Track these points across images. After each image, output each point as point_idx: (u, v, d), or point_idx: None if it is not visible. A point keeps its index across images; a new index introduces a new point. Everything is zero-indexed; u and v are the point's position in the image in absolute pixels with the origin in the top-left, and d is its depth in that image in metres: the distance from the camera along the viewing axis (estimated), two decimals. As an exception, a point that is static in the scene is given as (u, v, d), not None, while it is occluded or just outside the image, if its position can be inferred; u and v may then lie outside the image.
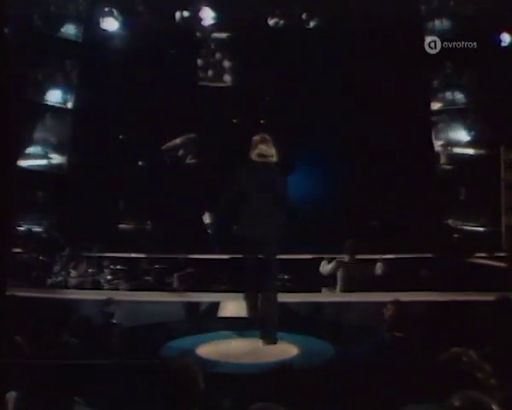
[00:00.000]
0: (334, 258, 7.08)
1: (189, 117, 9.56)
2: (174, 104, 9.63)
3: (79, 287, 7.77)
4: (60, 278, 8.09)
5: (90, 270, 8.24)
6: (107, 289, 7.70)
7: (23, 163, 9.90)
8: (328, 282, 7.02)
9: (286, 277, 7.84)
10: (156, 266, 8.61)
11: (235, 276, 7.63)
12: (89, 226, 9.32)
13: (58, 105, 10.04)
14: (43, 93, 9.92)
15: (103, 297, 5.72)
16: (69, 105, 10.12)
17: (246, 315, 5.47)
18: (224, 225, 7.87)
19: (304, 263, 8.04)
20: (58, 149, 10.26)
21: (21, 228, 9.47)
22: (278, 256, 5.46)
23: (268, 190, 5.07)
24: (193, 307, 6.38)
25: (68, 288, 7.74)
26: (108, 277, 8.19)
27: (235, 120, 10.31)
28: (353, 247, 7.00)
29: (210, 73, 9.94)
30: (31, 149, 10.11)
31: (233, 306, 6.31)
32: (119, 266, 8.52)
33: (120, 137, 10.29)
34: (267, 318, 5.25)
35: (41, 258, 8.50)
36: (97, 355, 4.34)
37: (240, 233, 5.29)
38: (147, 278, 8.43)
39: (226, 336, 5.49)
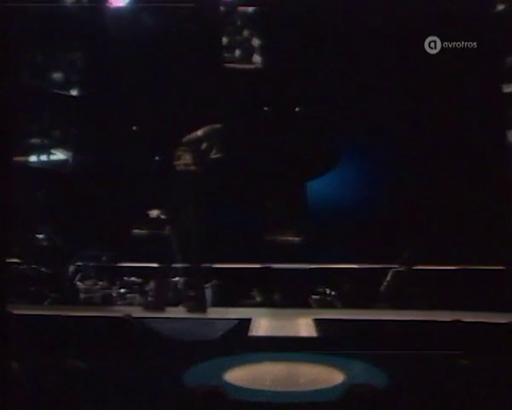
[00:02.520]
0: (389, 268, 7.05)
1: (213, 104, 9.60)
2: (195, 90, 9.68)
3: (88, 302, 7.98)
4: (64, 293, 8.32)
5: (100, 283, 8.36)
6: (120, 305, 7.90)
7: (21, 160, 10.07)
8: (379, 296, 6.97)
9: (327, 290, 7.81)
10: (176, 278, 8.66)
11: (268, 288, 7.65)
12: (98, 232, 9.43)
13: (62, 92, 10.15)
14: (44, 78, 10.07)
15: (117, 314, 5.75)
16: (74, 92, 10.24)
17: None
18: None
19: (349, 274, 8.07)
20: (62, 143, 10.40)
21: (19, 235, 9.55)
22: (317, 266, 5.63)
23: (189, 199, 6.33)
24: (220, 324, 6.49)
25: (75, 304, 7.98)
26: (122, 290, 8.31)
27: (266, 108, 10.27)
28: (411, 256, 6.91)
29: (237, 52, 10.02)
30: (30, 144, 10.30)
31: (267, 323, 6.30)
32: (133, 278, 8.59)
33: (134, 128, 10.35)
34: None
35: (42, 269, 8.64)
36: (108, 381, 4.42)
37: None
38: (165, 291, 8.31)
39: (259, 359, 5.56)
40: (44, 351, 5.25)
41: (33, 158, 10.46)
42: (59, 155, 10.41)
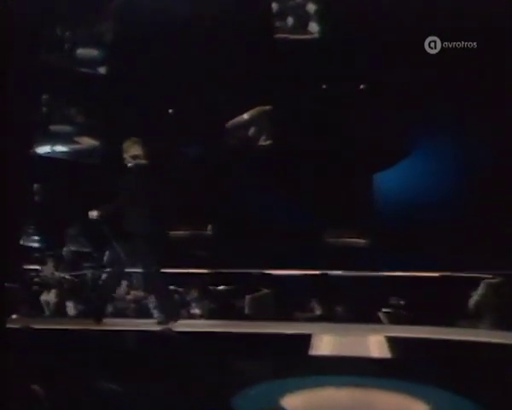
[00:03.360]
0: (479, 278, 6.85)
1: (261, 83, 9.50)
2: (241, 66, 9.59)
3: (120, 315, 8.12)
4: (92, 304, 8.43)
5: (133, 292, 8.47)
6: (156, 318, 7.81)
7: (40, 150, 10.31)
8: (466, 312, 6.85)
9: (401, 302, 7.72)
10: (221, 286, 8.81)
11: (330, 299, 7.61)
12: (130, 234, 9.46)
13: (87, 71, 10.23)
14: (67, 56, 10.14)
15: (154, 328, 5.79)
16: (102, 70, 10.31)
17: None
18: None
19: (427, 283, 8.02)
20: (88, 130, 10.54)
21: (37, 237, 9.90)
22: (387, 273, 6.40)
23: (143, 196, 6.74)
24: (275, 341, 6.49)
25: (103, 316, 7.97)
26: None
27: (324, 86, 10.09)
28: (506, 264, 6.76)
29: (289, 21, 9.84)
30: (50, 132, 10.49)
31: (329, 340, 6.27)
32: (172, 287, 8.59)
33: (170, 111, 10.35)
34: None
35: (65, 277, 8.87)
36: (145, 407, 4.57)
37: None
38: (209, 301, 8.63)
39: (321, 383, 5.52)
40: (66, 370, 5.43)
41: (55, 148, 10.65)
42: (84, 144, 10.58)
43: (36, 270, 8.97)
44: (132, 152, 7.11)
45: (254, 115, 9.87)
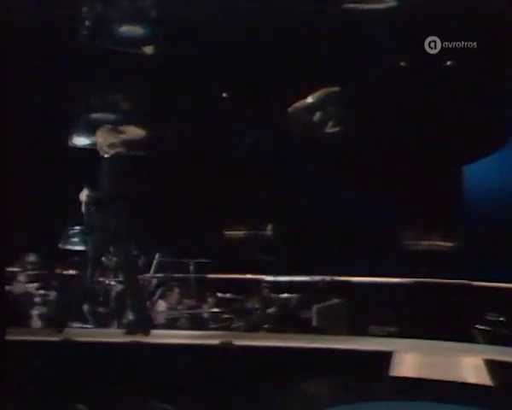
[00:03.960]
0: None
1: (327, 59, 9.35)
2: (303, 38, 9.36)
3: (171, 326, 8.08)
4: (138, 314, 8.07)
5: (186, 300, 8.48)
6: (213, 329, 7.95)
7: (76, 140, 10.48)
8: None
9: (501, 318, 7.56)
10: (285, 295, 8.72)
11: (414, 312, 7.43)
12: (181, 234, 9.61)
13: (132, 51, 10.25)
14: (109, 35, 10.20)
15: (212, 342, 5.78)
16: (148, 50, 10.31)
17: None
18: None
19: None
20: (130, 116, 10.57)
21: (72, 234, 10.12)
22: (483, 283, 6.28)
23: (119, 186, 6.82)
24: (346, 359, 6.30)
25: (152, 328, 7.91)
26: (215, 310, 8.43)
27: (403, 64, 9.78)
28: None
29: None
30: (89, 120, 10.58)
31: (414, 359, 6.09)
32: (229, 295, 8.73)
33: (224, 95, 10.33)
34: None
35: (105, 281, 8.87)
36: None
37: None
38: (271, 311, 8.53)
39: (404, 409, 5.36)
40: (110, 389, 5.46)
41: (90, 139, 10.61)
42: (130, 134, 10.41)
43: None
44: (108, 141, 7.08)
45: (320, 98, 9.76)
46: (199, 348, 6.29)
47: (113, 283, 8.89)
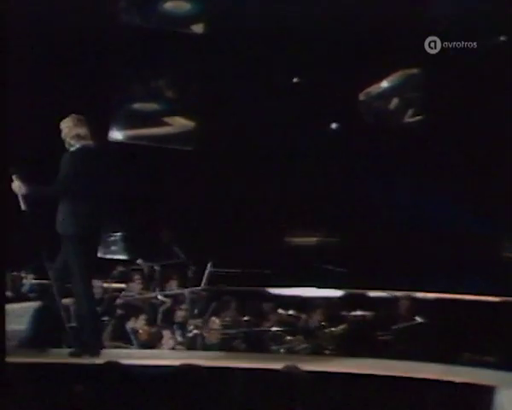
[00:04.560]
0: None
1: (405, 38, 9.30)
2: (376, 17, 9.38)
3: (225, 347, 8.08)
4: (188, 333, 8.44)
5: (242, 318, 8.50)
6: (275, 352, 7.86)
7: (119, 135, 10.67)
8: None
9: None
10: (357, 312, 8.64)
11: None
12: (236, 241, 9.86)
13: (179, 31, 10.35)
14: (152, 13, 10.29)
15: (274, 365, 5.72)
16: (198, 29, 10.43)
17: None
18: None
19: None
20: (182, 107, 10.77)
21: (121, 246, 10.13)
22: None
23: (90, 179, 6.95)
24: (435, 390, 6.15)
25: (201, 349, 8.14)
26: (276, 329, 8.39)
27: (503, 38, 9.53)
28: None
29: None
30: (133, 110, 10.76)
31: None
32: (292, 312, 8.71)
33: (295, 80, 10.29)
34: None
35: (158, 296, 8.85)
36: None
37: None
38: (342, 331, 8.46)
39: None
40: None
41: (137, 132, 10.90)
42: (176, 126, 10.86)
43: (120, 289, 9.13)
44: (74, 132, 7.04)
45: (397, 82, 9.68)
46: (258, 373, 6.22)
47: (160, 297, 8.89)
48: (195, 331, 8.40)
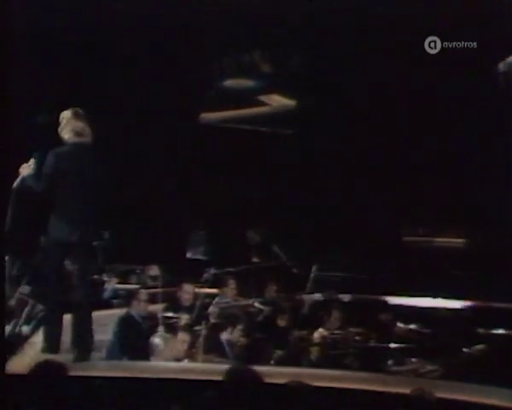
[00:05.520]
0: None
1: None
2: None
3: (334, 364, 8.02)
4: (290, 346, 8.41)
5: (355, 330, 8.34)
6: (397, 373, 7.92)
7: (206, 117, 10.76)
8: None
9: None
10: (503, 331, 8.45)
11: None
12: (343, 239, 9.98)
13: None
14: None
15: (398, 389, 5.75)
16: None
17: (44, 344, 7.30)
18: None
19: None
20: (280, 83, 10.77)
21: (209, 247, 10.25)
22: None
23: (83, 178, 7.18)
24: None
25: (306, 365, 8.09)
26: (397, 346, 8.26)
27: None
28: None
29: None
30: (222, 87, 10.83)
31: None
32: (414, 327, 8.56)
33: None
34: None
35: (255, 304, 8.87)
36: None
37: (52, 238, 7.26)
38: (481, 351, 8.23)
39: None
40: None
41: (226, 113, 10.97)
42: (274, 105, 10.87)
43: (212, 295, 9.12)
44: (70, 126, 7.19)
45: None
46: (377, 398, 6.14)
47: (257, 305, 8.89)
48: (299, 344, 8.38)
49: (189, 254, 10.18)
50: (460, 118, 10.66)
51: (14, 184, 7.03)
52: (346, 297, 9.11)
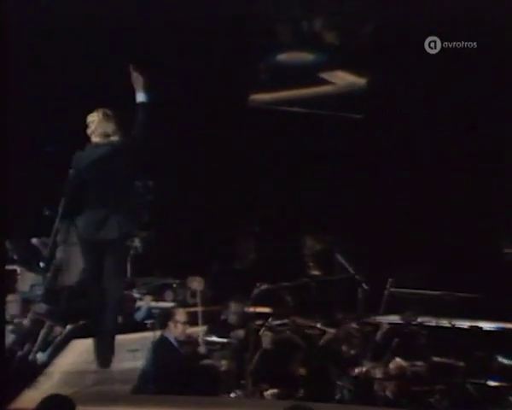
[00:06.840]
0: None
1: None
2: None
3: (414, 405, 8.08)
4: (360, 380, 8.52)
5: (440, 362, 8.22)
6: None
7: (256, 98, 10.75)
8: None
9: None
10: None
11: None
12: (422, 243, 9.86)
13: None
14: None
15: None
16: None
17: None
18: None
19: None
20: (345, 59, 10.66)
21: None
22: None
23: (111, 177, 8.00)
24: None
25: (382, 404, 8.18)
26: (496, 384, 8.11)
27: None
28: None
29: None
30: (275, 64, 10.73)
31: None
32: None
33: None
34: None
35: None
36: None
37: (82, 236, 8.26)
38: None
39: None
40: None
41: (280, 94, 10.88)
42: (339, 82, 10.76)
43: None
44: (101, 129, 7.96)
45: None
46: None
47: (319, 326, 8.93)
48: (371, 377, 8.42)
49: (236, 266, 10.08)
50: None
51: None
52: (429, 320, 8.91)
